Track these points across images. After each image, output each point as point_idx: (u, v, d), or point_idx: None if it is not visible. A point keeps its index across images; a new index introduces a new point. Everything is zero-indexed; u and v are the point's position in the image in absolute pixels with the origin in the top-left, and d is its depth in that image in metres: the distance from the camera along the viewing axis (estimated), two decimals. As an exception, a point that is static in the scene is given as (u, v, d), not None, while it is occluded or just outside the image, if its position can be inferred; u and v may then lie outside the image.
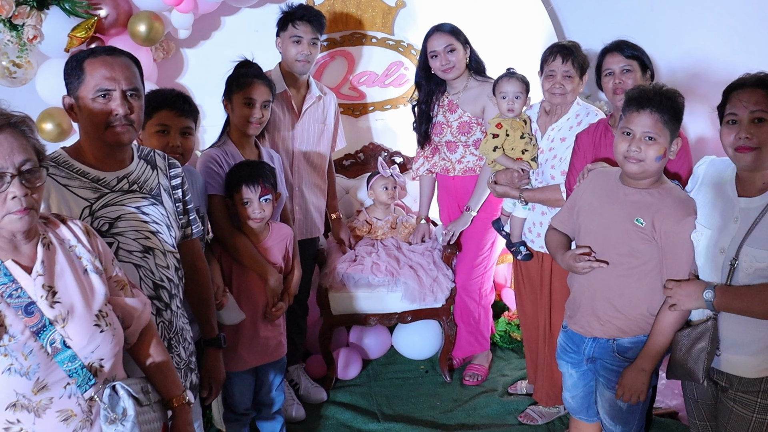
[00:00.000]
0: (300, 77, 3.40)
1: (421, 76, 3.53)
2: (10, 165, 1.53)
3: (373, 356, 3.95)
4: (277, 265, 2.88)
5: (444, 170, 3.60)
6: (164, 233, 2.13)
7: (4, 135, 1.53)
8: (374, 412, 3.48)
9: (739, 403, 2.15)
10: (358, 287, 3.55)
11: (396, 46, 4.04)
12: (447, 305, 3.63)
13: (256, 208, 2.74)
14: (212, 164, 2.79)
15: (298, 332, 3.59)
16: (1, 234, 1.58)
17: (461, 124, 3.46)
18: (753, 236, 2.02)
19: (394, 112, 4.16)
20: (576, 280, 2.48)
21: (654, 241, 2.26)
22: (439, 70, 3.40)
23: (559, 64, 2.89)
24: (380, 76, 4.09)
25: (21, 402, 1.56)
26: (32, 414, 1.58)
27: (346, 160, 4.09)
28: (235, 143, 2.91)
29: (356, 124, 4.12)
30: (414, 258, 3.59)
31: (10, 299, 1.56)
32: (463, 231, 3.57)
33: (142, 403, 1.74)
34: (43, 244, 1.66)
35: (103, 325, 1.69)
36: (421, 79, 3.53)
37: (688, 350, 2.20)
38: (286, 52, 3.32)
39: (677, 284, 2.20)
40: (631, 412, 2.47)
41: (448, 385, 3.72)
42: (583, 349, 2.49)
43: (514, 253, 3.24)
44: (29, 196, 1.56)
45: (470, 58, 3.45)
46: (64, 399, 1.62)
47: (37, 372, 1.57)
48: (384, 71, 4.08)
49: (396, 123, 4.14)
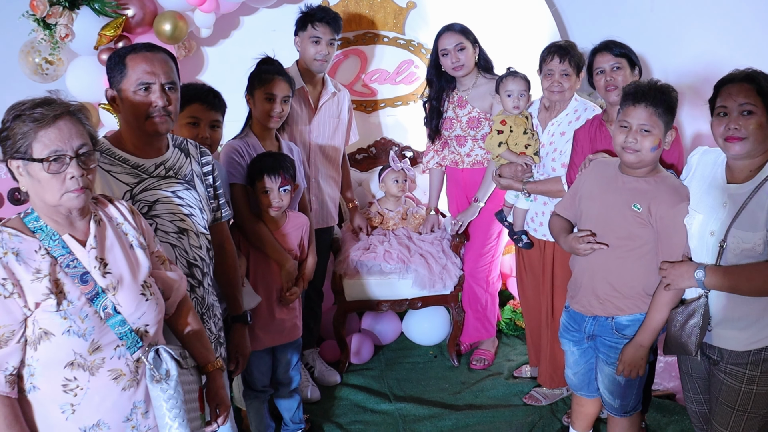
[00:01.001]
0: (317, 75, 3.56)
1: (433, 73, 3.69)
2: (69, 148, 1.70)
3: (384, 342, 4.13)
4: (292, 252, 3.03)
5: (453, 163, 3.77)
6: (197, 216, 2.30)
7: (63, 121, 1.71)
8: (386, 393, 3.65)
9: (729, 375, 2.31)
10: (371, 274, 3.72)
11: (407, 45, 4.19)
12: (455, 292, 3.80)
13: (275, 197, 2.88)
14: (235, 155, 2.94)
15: (314, 318, 3.77)
16: (60, 210, 1.75)
17: (470, 119, 3.62)
18: (740, 219, 2.19)
19: (404, 109, 4.31)
20: (577, 262, 2.66)
21: (650, 225, 2.43)
22: (450, 67, 3.56)
23: (557, 64, 3.08)
24: (391, 74, 4.24)
25: (78, 361, 1.74)
26: (87, 372, 1.76)
27: (358, 154, 4.25)
28: (257, 136, 3.07)
29: (368, 120, 4.27)
30: (424, 247, 3.76)
31: (67, 269, 1.74)
32: (471, 221, 3.74)
33: (182, 366, 1.91)
34: (94, 220, 1.83)
35: (147, 294, 1.87)
36: (433, 77, 3.69)
37: (682, 326, 2.36)
38: (304, 51, 3.48)
39: (671, 265, 2.37)
40: (629, 387, 2.63)
41: (456, 369, 3.89)
42: (583, 327, 2.66)
43: (516, 241, 3.42)
44: (85, 176, 1.73)
45: (479, 57, 3.61)
46: (114, 359, 1.80)
47: (92, 334, 1.74)
48: (395, 69, 4.24)
49: (406, 119, 4.30)
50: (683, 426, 3.20)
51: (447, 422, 3.39)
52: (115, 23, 3.33)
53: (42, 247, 1.73)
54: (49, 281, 1.70)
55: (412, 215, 3.95)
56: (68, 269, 1.74)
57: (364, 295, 3.77)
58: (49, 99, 1.74)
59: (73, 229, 1.79)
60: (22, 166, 1.71)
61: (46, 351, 1.72)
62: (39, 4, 3.23)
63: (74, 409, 1.77)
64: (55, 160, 1.68)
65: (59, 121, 1.70)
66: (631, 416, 2.73)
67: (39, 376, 1.74)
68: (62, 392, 1.75)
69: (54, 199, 1.72)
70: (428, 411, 3.48)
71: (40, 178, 1.70)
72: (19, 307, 1.68)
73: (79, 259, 1.77)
